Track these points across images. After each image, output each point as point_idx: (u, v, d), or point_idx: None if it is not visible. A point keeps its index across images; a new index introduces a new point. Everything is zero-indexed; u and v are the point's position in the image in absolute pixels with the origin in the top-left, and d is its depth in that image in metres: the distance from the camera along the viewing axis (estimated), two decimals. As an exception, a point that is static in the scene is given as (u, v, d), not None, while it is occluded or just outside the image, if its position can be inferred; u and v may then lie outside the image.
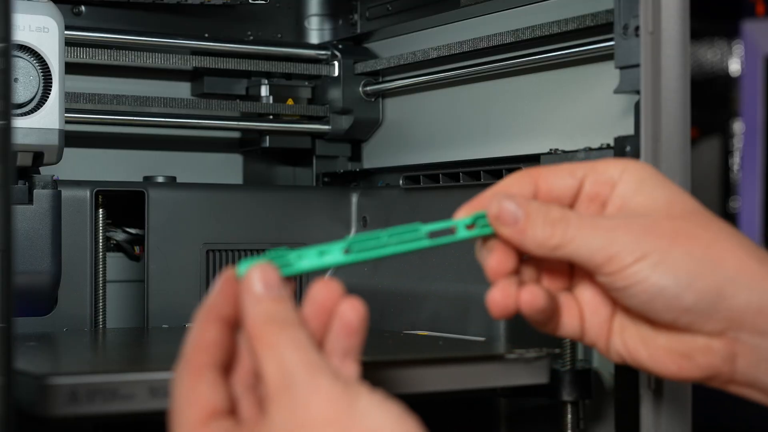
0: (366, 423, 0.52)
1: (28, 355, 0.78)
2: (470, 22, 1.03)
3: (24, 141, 0.92)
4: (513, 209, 0.61)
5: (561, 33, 0.91)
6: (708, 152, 2.79)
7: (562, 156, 0.87)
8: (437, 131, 1.08)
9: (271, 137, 1.15)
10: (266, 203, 1.09)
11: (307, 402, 0.52)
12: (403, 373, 0.72)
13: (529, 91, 0.97)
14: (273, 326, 0.55)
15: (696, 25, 0.75)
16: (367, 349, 0.88)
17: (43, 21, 0.93)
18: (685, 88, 0.75)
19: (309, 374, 0.53)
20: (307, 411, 0.52)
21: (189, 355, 0.57)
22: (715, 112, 2.78)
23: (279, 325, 0.55)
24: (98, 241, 1.02)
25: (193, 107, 1.12)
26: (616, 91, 0.80)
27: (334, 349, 0.58)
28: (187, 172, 1.15)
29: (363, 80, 1.15)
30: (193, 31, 1.15)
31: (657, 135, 0.75)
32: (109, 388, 0.62)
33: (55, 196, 0.96)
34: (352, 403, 0.52)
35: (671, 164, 0.75)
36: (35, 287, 0.96)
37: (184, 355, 0.57)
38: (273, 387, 0.53)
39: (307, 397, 0.52)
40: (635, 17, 0.76)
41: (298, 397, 0.52)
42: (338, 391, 0.53)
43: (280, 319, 0.56)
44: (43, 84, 0.93)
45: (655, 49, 0.74)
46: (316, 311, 0.59)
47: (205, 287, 1.05)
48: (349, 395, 0.53)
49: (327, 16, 1.22)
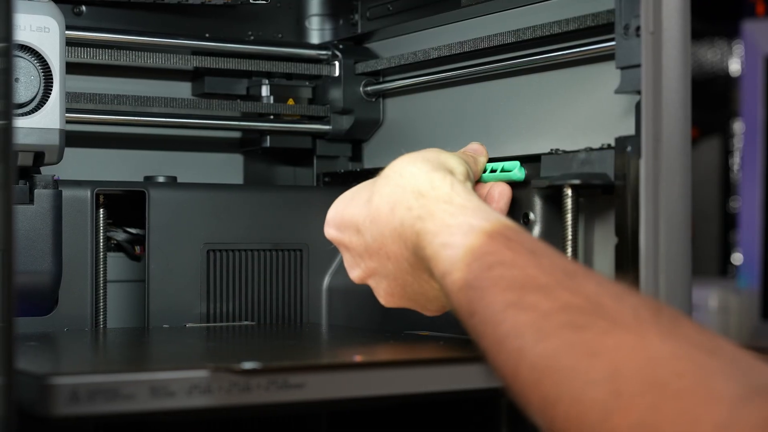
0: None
1: (28, 354, 0.78)
2: (471, 22, 1.03)
3: (25, 141, 0.92)
4: None
5: (562, 33, 0.91)
6: (708, 152, 2.79)
7: (563, 156, 0.87)
8: (438, 131, 1.08)
9: (271, 137, 1.15)
10: (267, 203, 1.09)
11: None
12: (404, 373, 0.72)
13: (530, 91, 0.97)
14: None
15: (696, 25, 0.75)
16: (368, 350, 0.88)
17: (44, 21, 0.93)
18: (686, 88, 0.75)
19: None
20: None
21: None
22: (715, 112, 2.78)
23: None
24: (99, 240, 1.02)
25: (193, 107, 1.12)
26: (617, 91, 0.80)
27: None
28: (187, 172, 1.15)
29: (364, 80, 1.15)
30: (193, 31, 1.15)
31: (658, 135, 0.75)
32: (110, 388, 0.62)
33: (56, 196, 0.96)
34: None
35: (672, 164, 0.75)
36: (36, 287, 0.96)
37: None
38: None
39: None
40: (636, 17, 0.76)
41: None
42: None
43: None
44: (44, 84, 0.93)
45: (656, 49, 0.74)
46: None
47: (205, 287, 1.05)
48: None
49: (328, 16, 1.22)
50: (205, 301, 1.05)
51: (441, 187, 0.72)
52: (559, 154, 0.87)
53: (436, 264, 0.68)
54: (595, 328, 0.57)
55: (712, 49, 2.80)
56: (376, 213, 0.75)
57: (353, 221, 0.77)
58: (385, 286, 0.79)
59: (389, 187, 0.74)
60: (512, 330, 0.60)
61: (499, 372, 0.61)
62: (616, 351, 0.55)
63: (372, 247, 0.76)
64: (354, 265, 0.80)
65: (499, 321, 0.61)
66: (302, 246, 1.10)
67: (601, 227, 0.87)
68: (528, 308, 0.60)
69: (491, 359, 0.62)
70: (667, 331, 0.56)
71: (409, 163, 0.75)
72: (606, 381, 0.54)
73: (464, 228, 0.68)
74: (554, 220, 0.88)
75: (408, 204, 0.72)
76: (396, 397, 0.73)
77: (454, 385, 0.74)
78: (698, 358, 0.54)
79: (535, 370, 0.57)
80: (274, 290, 1.09)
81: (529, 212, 0.90)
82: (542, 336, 0.58)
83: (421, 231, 0.71)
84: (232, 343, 0.95)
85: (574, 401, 0.55)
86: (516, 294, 0.61)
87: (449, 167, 0.75)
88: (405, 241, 0.73)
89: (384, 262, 0.76)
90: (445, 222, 0.69)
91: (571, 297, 0.59)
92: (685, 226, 0.76)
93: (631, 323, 0.57)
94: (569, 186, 0.83)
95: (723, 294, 2.55)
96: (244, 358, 0.66)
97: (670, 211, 0.75)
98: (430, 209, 0.71)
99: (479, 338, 0.63)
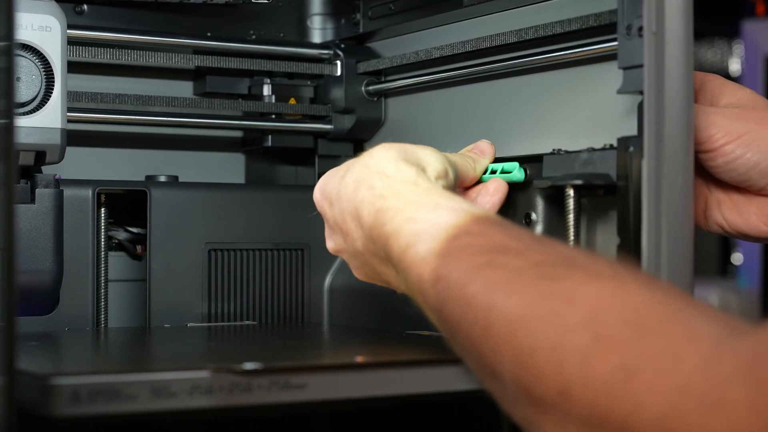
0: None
1: (30, 354, 0.78)
2: (473, 21, 1.03)
3: (26, 140, 0.92)
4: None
5: (564, 33, 0.91)
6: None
7: (565, 156, 0.87)
8: (440, 131, 1.08)
9: (273, 136, 1.15)
10: (268, 203, 1.09)
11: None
12: (405, 373, 0.72)
13: (532, 91, 0.96)
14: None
15: (696, 25, 0.75)
16: (370, 350, 0.88)
17: (46, 20, 0.92)
18: (688, 89, 0.75)
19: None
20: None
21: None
22: (716, 112, 2.77)
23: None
24: (100, 240, 1.02)
25: (195, 106, 1.12)
26: (619, 91, 0.80)
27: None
28: (189, 171, 1.15)
29: (365, 80, 1.15)
30: (195, 30, 1.15)
31: (660, 135, 0.74)
32: (111, 388, 0.62)
33: (57, 196, 0.96)
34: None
35: (674, 164, 0.75)
36: (37, 286, 0.96)
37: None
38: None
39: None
40: (639, 17, 0.76)
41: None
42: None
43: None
44: (45, 83, 0.92)
45: (658, 50, 0.74)
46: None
47: (207, 287, 1.05)
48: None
49: (329, 16, 1.22)
50: (207, 301, 1.05)
51: (407, 172, 0.72)
52: (561, 155, 0.87)
53: (397, 239, 0.67)
54: (572, 278, 0.56)
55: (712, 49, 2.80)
56: (344, 189, 0.74)
57: (329, 193, 0.77)
58: (355, 263, 0.78)
59: (358, 166, 0.74)
60: (482, 287, 0.59)
61: (464, 335, 0.60)
62: (595, 297, 0.54)
63: (337, 222, 0.76)
64: (329, 236, 0.79)
65: (467, 282, 0.60)
66: (304, 246, 1.09)
67: (603, 228, 0.87)
68: (499, 267, 0.59)
69: (454, 324, 0.61)
70: (645, 281, 0.56)
71: (383, 148, 0.75)
72: (586, 325, 0.53)
73: (430, 205, 0.67)
74: (556, 221, 0.88)
75: (371, 183, 0.72)
76: (397, 397, 0.73)
77: (455, 385, 0.74)
78: (678, 303, 0.53)
79: (509, 322, 0.56)
80: (276, 290, 1.09)
81: (531, 212, 0.90)
82: (516, 289, 0.57)
83: (382, 208, 0.70)
84: (233, 343, 0.95)
85: (552, 348, 0.54)
86: (485, 257, 0.61)
87: (422, 163, 0.75)
88: (360, 219, 0.72)
89: (344, 238, 0.76)
90: (410, 199, 0.69)
91: (543, 256, 0.59)
92: (688, 227, 0.76)
93: (609, 274, 0.56)
94: (571, 186, 0.83)
95: (723, 294, 2.55)
96: (246, 359, 0.66)
97: (672, 212, 0.75)
98: (395, 188, 0.70)
99: (443, 305, 0.62)
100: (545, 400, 0.54)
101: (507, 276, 0.58)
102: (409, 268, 0.66)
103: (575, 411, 0.52)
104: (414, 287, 0.66)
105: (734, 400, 0.46)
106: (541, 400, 0.54)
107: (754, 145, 0.80)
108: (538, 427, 0.56)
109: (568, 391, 0.52)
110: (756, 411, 0.45)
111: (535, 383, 0.54)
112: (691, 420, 0.47)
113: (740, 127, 0.80)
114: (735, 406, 0.46)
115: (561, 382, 0.53)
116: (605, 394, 0.51)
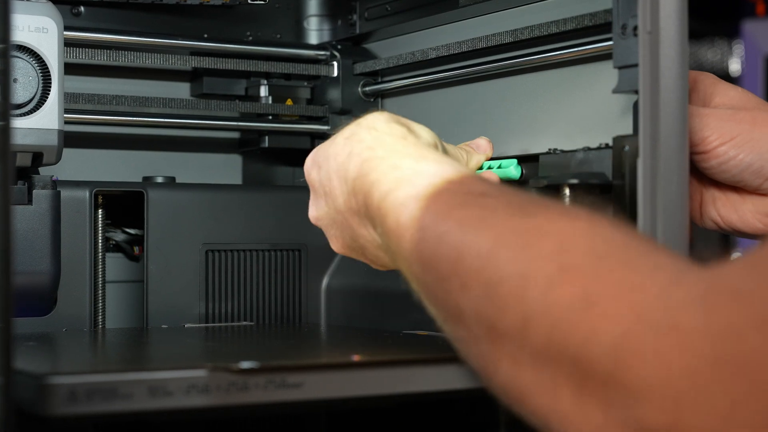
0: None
1: (27, 354, 0.78)
2: (469, 22, 1.03)
3: (23, 141, 0.92)
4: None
5: (559, 33, 0.91)
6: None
7: (561, 156, 0.87)
8: (437, 131, 1.07)
9: (270, 137, 1.15)
10: (266, 204, 1.09)
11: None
12: (402, 372, 0.72)
13: (528, 91, 0.97)
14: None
15: (696, 25, 0.76)
16: (367, 349, 0.88)
17: (42, 21, 0.93)
18: (683, 88, 0.75)
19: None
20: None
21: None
22: (714, 113, 2.77)
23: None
24: (97, 241, 1.02)
25: (192, 108, 1.12)
26: (614, 90, 0.80)
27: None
28: (186, 172, 1.15)
29: (362, 80, 1.15)
30: (192, 31, 1.15)
31: (655, 134, 0.74)
32: (108, 387, 0.62)
33: (55, 197, 0.97)
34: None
35: (670, 164, 0.75)
36: (35, 287, 0.96)
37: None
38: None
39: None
40: (633, 17, 0.76)
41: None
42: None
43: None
44: (42, 84, 0.93)
45: (653, 49, 0.74)
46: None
47: (204, 287, 1.05)
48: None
49: (326, 17, 1.22)
50: (204, 302, 1.05)
51: (397, 129, 0.73)
52: (557, 154, 0.88)
53: (379, 186, 0.68)
54: (544, 215, 0.57)
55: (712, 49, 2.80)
56: (332, 149, 0.75)
57: (319, 157, 0.77)
58: (333, 231, 0.78)
59: (349, 127, 0.75)
60: (456, 225, 0.60)
61: (434, 276, 0.60)
62: (566, 231, 0.55)
63: (323, 183, 0.76)
64: (312, 203, 0.79)
65: (441, 220, 0.61)
66: (301, 246, 1.10)
67: (599, 227, 0.87)
68: (474, 206, 0.60)
69: (425, 264, 0.61)
70: (618, 224, 0.56)
71: (376, 113, 0.76)
72: (553, 256, 0.53)
73: (416, 156, 0.68)
74: (552, 220, 0.88)
75: (360, 137, 0.72)
76: (395, 396, 0.73)
77: (452, 384, 0.74)
78: (645, 245, 0.54)
79: (479, 257, 0.57)
80: (273, 290, 1.09)
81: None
82: (489, 225, 0.58)
83: (368, 157, 0.70)
84: (230, 343, 0.95)
85: (519, 277, 0.54)
86: (461, 199, 0.62)
87: (414, 129, 0.75)
88: (347, 173, 0.72)
89: (326, 200, 0.76)
90: (396, 149, 0.70)
91: (519, 198, 0.60)
92: (684, 226, 0.76)
93: (581, 214, 0.57)
94: (567, 185, 0.83)
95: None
96: (243, 358, 0.66)
97: (667, 211, 0.75)
98: (383, 140, 0.71)
99: (416, 245, 0.62)
100: (506, 331, 0.54)
101: (481, 213, 0.59)
102: (387, 213, 0.66)
103: (532, 341, 0.52)
104: (391, 233, 0.66)
105: (687, 327, 0.46)
106: (502, 332, 0.54)
107: (747, 146, 0.80)
108: (494, 366, 0.56)
109: (528, 321, 0.53)
110: (707, 336, 0.45)
111: (499, 314, 0.55)
112: (643, 346, 0.47)
113: (733, 128, 0.80)
114: (688, 332, 0.46)
115: (523, 311, 0.53)
116: (564, 322, 0.51)
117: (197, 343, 0.92)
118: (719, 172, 0.81)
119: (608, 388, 0.48)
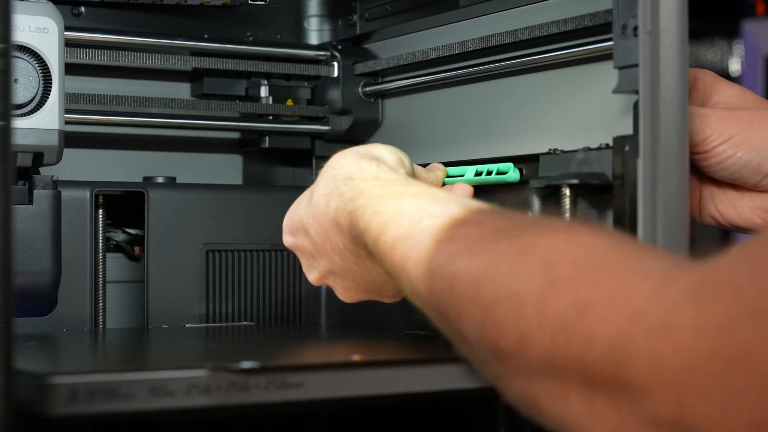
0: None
1: (27, 354, 0.78)
2: (469, 22, 1.03)
3: (24, 141, 0.92)
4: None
5: (560, 33, 0.91)
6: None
7: (561, 156, 0.87)
8: (436, 132, 1.08)
9: (270, 138, 1.15)
10: (266, 204, 1.09)
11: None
12: (402, 372, 0.72)
13: (528, 91, 0.97)
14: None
15: (696, 25, 0.76)
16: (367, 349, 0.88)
17: (43, 22, 0.93)
18: (683, 88, 0.75)
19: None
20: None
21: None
22: (714, 113, 2.77)
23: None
24: (98, 241, 1.02)
25: (192, 108, 1.12)
26: (614, 91, 0.80)
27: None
28: (186, 172, 1.15)
29: (362, 81, 1.15)
30: (192, 31, 1.15)
31: (656, 135, 0.75)
32: (108, 387, 0.62)
33: (55, 197, 0.97)
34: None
35: (670, 163, 0.75)
36: (35, 288, 0.96)
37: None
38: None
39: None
40: (634, 17, 0.77)
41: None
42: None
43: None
44: (42, 85, 0.93)
45: (653, 49, 0.74)
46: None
47: (204, 287, 1.05)
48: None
49: (326, 17, 1.22)
50: (204, 302, 1.06)
51: (368, 170, 0.74)
52: (558, 154, 0.88)
53: (369, 233, 0.70)
54: (528, 234, 0.58)
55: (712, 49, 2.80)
56: (315, 208, 0.77)
57: (301, 223, 0.79)
58: (340, 282, 0.80)
59: (323, 181, 0.77)
60: (445, 258, 0.61)
61: (434, 307, 0.62)
62: (550, 246, 0.56)
63: (318, 244, 0.78)
64: (310, 267, 0.81)
65: (430, 257, 0.63)
66: (301, 246, 1.09)
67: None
68: (459, 237, 0.62)
69: (425, 299, 0.63)
70: (598, 230, 0.58)
71: (339, 156, 0.78)
72: (540, 272, 0.55)
73: (393, 195, 0.70)
74: (552, 220, 0.88)
75: (339, 191, 0.74)
76: (395, 396, 0.73)
77: (452, 384, 0.74)
78: (630, 248, 0.55)
79: (472, 283, 0.58)
80: (273, 290, 1.09)
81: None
82: (476, 252, 0.60)
83: (353, 210, 0.72)
84: (230, 343, 0.95)
85: (511, 297, 0.55)
86: (447, 232, 0.63)
87: (379, 156, 0.77)
88: (341, 226, 0.74)
89: (331, 256, 0.78)
90: (374, 194, 0.72)
91: (502, 223, 0.61)
92: (684, 226, 0.76)
93: (563, 227, 0.59)
94: (567, 186, 0.83)
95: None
96: (243, 358, 0.66)
97: (667, 211, 0.75)
98: (360, 188, 0.73)
99: (413, 284, 0.64)
100: (508, 351, 0.55)
101: (467, 244, 0.61)
102: (381, 258, 0.69)
103: (535, 355, 0.54)
104: (391, 274, 0.69)
105: (681, 324, 0.47)
106: (505, 353, 0.56)
107: (746, 144, 0.81)
108: (508, 384, 0.57)
109: (527, 337, 0.54)
110: (701, 333, 0.46)
111: (499, 335, 0.56)
112: (639, 346, 0.48)
113: (732, 127, 0.80)
114: (682, 330, 0.47)
115: (520, 328, 0.54)
116: (560, 332, 0.52)
117: (198, 343, 0.92)
118: (718, 170, 0.82)
119: (615, 388, 0.49)
